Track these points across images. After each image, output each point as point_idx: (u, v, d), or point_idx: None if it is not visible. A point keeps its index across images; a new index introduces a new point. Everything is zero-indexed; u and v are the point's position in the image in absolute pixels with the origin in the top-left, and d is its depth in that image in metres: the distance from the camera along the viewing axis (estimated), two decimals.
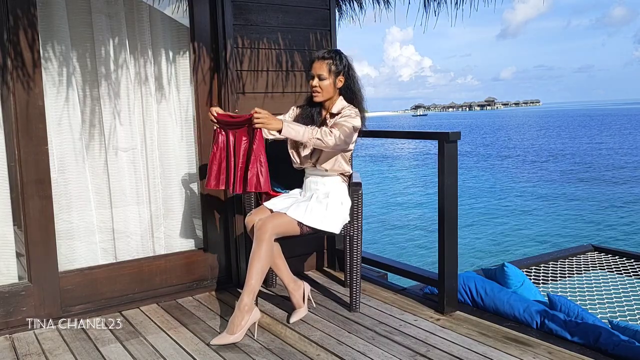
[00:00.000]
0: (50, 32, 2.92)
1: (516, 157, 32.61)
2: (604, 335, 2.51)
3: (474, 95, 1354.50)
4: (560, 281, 4.27)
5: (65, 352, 2.56)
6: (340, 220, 2.81)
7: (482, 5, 3.70)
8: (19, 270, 2.91)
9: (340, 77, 2.84)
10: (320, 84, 2.82)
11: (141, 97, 3.25)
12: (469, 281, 3.14)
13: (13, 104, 2.76)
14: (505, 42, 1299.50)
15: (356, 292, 2.97)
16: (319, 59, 2.83)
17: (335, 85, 2.84)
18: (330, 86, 2.83)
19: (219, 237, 3.43)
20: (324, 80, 2.81)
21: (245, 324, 2.59)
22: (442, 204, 2.90)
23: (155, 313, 3.03)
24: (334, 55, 2.84)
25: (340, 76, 2.84)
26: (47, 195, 2.86)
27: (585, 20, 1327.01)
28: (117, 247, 3.22)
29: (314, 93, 2.85)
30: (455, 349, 2.49)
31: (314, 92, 2.85)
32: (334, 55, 2.84)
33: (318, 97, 2.85)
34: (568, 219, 15.41)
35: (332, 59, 2.82)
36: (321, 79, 2.81)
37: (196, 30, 3.23)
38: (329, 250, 3.79)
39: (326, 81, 2.82)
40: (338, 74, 2.83)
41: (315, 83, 2.83)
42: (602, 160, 29.71)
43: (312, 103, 2.92)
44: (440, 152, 2.86)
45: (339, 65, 2.83)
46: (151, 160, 3.28)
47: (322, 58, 2.83)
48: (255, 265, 2.61)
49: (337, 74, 2.83)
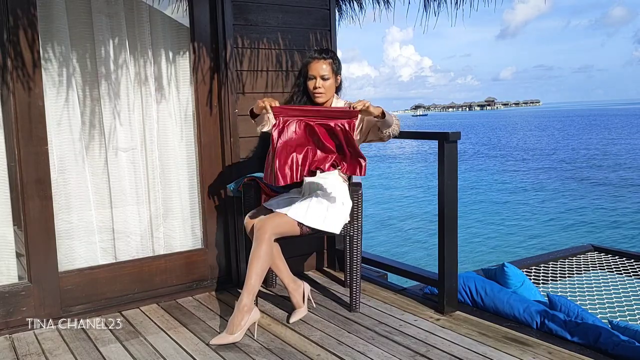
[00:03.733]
0: (50, 32, 2.92)
1: (512, 156, 32.60)
2: (604, 335, 2.51)
3: (473, 96, 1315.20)
4: (560, 281, 4.27)
5: (65, 352, 2.56)
6: (340, 221, 2.80)
7: (482, 5, 3.65)
8: (19, 270, 2.91)
9: (339, 76, 2.83)
10: (323, 84, 2.76)
11: (141, 97, 3.25)
12: (469, 281, 3.14)
13: (13, 104, 2.76)
14: (505, 42, 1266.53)
15: (356, 292, 2.97)
16: (319, 59, 2.77)
17: (335, 85, 2.83)
18: (332, 86, 2.80)
19: (219, 237, 3.43)
20: (328, 80, 2.76)
21: (244, 324, 2.59)
22: (442, 204, 2.90)
23: (155, 313, 3.03)
24: (332, 54, 2.81)
25: (339, 75, 2.83)
26: (47, 195, 2.86)
27: (585, 21, 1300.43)
28: (117, 247, 3.22)
29: (316, 95, 2.77)
30: (455, 349, 2.49)
31: (316, 94, 2.77)
32: (332, 54, 2.81)
33: (321, 98, 2.78)
34: (567, 219, 15.41)
35: (332, 58, 2.78)
36: (325, 79, 2.76)
37: (196, 30, 3.23)
38: (329, 250, 3.78)
39: (329, 81, 2.77)
40: (338, 73, 2.82)
41: (319, 84, 2.75)
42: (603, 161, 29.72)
43: (304, 100, 2.85)
44: (440, 152, 2.86)
45: (338, 64, 2.81)
46: (151, 160, 3.28)
47: (323, 58, 2.76)
48: (255, 266, 2.61)
49: (337, 73, 2.82)
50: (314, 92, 2.78)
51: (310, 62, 2.78)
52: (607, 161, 29.24)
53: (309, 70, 2.78)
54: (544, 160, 30.86)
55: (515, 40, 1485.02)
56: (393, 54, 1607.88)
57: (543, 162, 30.02)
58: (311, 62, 2.78)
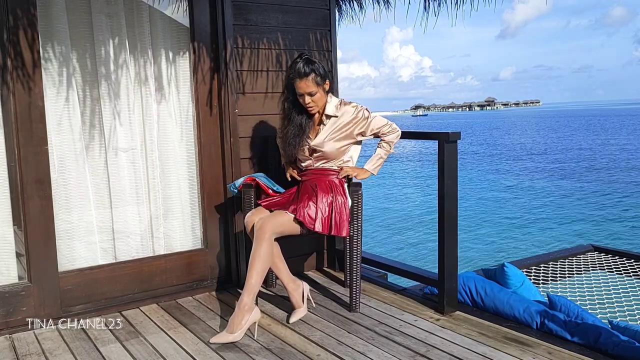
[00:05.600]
0: (50, 32, 2.92)
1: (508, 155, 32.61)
2: (604, 335, 2.51)
3: (473, 96, 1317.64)
4: (560, 281, 4.27)
5: (65, 352, 2.56)
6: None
7: (482, 6, 3.68)
8: (19, 270, 2.91)
9: (326, 83, 2.83)
10: (313, 99, 2.80)
11: (141, 97, 3.25)
12: (469, 281, 3.14)
13: (13, 104, 2.76)
14: (505, 42, 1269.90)
15: (356, 292, 2.97)
16: (301, 77, 2.75)
17: (324, 91, 2.84)
18: (321, 96, 2.83)
19: (219, 237, 3.43)
20: (316, 94, 2.79)
21: (245, 324, 2.60)
22: (442, 204, 2.90)
23: (155, 313, 3.03)
24: (313, 67, 2.77)
25: (325, 82, 2.83)
26: (47, 195, 2.86)
27: (585, 21, 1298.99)
28: (117, 247, 3.22)
29: (310, 109, 2.83)
30: (455, 349, 2.49)
31: (310, 109, 2.83)
32: (313, 67, 2.76)
33: (314, 109, 2.84)
34: (568, 219, 15.41)
35: (313, 72, 2.76)
36: (312, 95, 2.79)
37: (196, 31, 3.23)
38: (329, 250, 3.78)
39: (317, 94, 2.80)
40: (324, 82, 2.82)
41: (308, 100, 2.79)
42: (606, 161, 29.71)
43: (299, 112, 2.87)
44: (440, 152, 2.86)
45: (320, 73, 2.79)
46: (151, 160, 3.28)
47: (304, 75, 2.75)
48: (256, 265, 2.61)
49: (323, 82, 2.82)
50: (306, 107, 2.84)
51: (294, 80, 2.79)
52: (608, 161, 29.24)
53: (295, 88, 2.80)
54: (544, 160, 30.85)
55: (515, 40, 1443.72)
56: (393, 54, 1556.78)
57: (543, 162, 30.01)
58: (295, 80, 2.78)
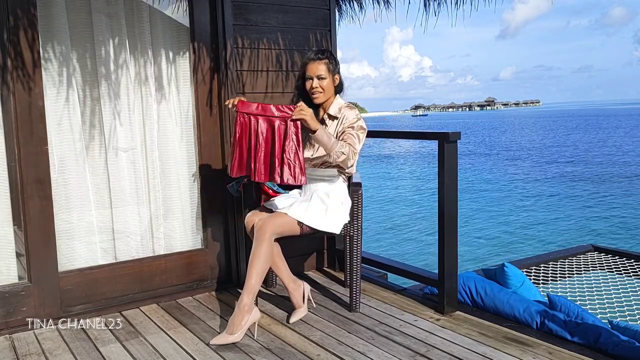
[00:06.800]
0: (50, 32, 2.92)
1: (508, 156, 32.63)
2: (604, 335, 2.51)
3: (473, 96, 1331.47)
4: (560, 281, 4.27)
5: (65, 352, 2.56)
6: (340, 221, 2.81)
7: (482, 6, 3.72)
8: (19, 270, 2.91)
9: (337, 76, 2.85)
10: (320, 83, 2.79)
11: (141, 97, 3.25)
12: (469, 281, 3.14)
13: (13, 104, 2.76)
14: (505, 42, 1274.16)
15: (356, 292, 2.97)
16: (315, 59, 2.80)
17: (333, 84, 2.84)
18: (330, 85, 2.82)
19: (219, 237, 3.43)
20: (324, 79, 2.80)
21: (245, 324, 2.59)
22: (442, 204, 2.90)
23: (155, 313, 3.03)
24: (329, 54, 2.85)
25: (336, 75, 2.85)
26: (47, 195, 2.86)
27: (585, 21, 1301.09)
28: (117, 247, 3.22)
29: (314, 94, 2.81)
30: (455, 349, 2.49)
31: (314, 94, 2.81)
32: (328, 54, 2.84)
33: (319, 97, 2.82)
34: (567, 219, 15.41)
35: (327, 58, 2.82)
36: (321, 78, 2.79)
37: (196, 31, 3.23)
38: (329, 250, 3.78)
39: (326, 80, 2.80)
40: (335, 73, 2.84)
41: (316, 84, 2.79)
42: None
43: (305, 100, 2.85)
44: (440, 152, 2.86)
45: (335, 64, 2.84)
46: (151, 160, 3.28)
47: (318, 59, 2.80)
48: (255, 265, 2.61)
49: (334, 73, 2.84)
50: (311, 92, 2.81)
51: (307, 63, 2.83)
52: (608, 161, 29.24)
53: (306, 71, 2.83)
54: (544, 160, 30.85)
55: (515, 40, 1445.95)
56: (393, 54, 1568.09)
57: (543, 162, 30.02)
58: (308, 63, 2.83)
